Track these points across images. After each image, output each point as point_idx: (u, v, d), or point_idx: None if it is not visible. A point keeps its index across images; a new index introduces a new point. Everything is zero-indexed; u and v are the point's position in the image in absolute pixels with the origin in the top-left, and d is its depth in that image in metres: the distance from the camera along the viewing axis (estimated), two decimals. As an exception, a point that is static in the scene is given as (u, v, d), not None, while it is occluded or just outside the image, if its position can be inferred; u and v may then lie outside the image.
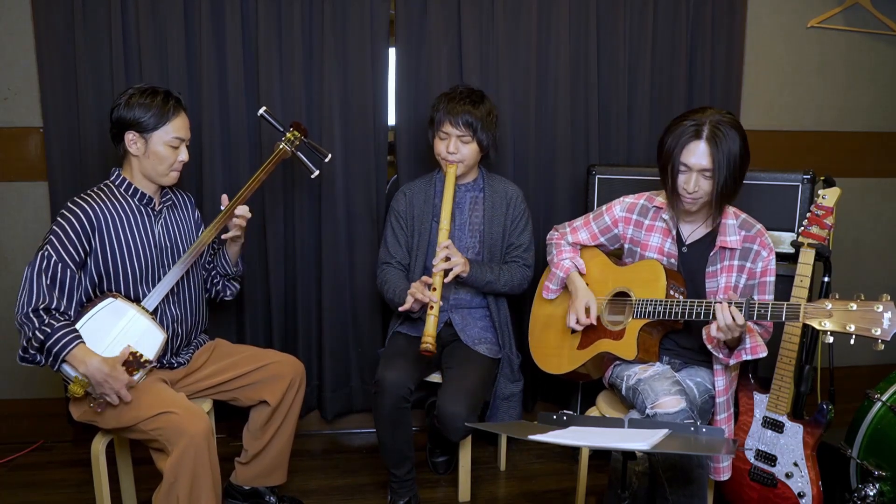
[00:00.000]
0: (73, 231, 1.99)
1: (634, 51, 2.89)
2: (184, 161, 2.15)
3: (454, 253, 2.31)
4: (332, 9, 2.68)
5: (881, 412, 2.27)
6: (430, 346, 2.16)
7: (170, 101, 2.09)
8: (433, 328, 2.19)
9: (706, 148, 1.96)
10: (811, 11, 3.06)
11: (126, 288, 2.09)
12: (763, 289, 2.08)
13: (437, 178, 2.54)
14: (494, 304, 2.52)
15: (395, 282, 2.44)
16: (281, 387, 2.24)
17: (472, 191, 2.52)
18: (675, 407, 1.89)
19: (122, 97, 2.08)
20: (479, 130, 2.37)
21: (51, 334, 1.88)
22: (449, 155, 2.38)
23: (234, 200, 2.23)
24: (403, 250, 2.51)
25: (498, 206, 2.49)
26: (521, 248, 2.51)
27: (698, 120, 1.98)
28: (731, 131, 1.97)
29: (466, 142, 2.38)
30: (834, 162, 3.11)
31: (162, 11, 2.59)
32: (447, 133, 2.38)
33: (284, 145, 2.35)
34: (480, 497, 2.57)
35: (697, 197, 2.02)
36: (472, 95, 2.41)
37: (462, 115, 2.35)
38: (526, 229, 2.52)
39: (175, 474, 1.90)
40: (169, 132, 2.08)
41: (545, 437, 1.58)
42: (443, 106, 2.39)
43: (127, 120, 2.06)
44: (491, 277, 2.41)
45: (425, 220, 2.49)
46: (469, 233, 2.50)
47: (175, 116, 2.09)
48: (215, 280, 2.41)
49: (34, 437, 2.90)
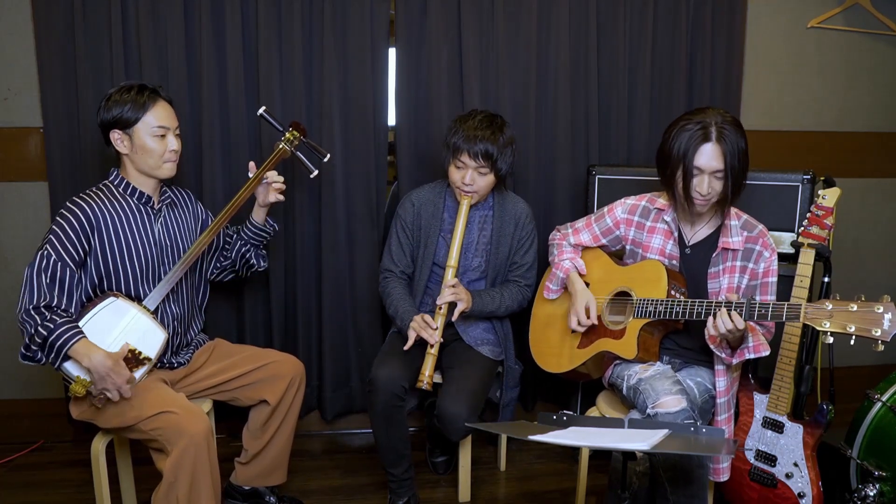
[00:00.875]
0: (73, 230, 2.00)
1: (634, 51, 2.89)
2: (175, 150, 2.14)
3: (460, 291, 2.31)
4: (332, 9, 2.67)
5: (881, 412, 2.27)
6: (427, 385, 2.23)
7: (145, 93, 2.09)
8: (431, 369, 2.24)
9: (717, 149, 1.97)
10: (811, 11, 3.06)
11: (127, 287, 2.09)
12: (765, 289, 2.08)
13: (447, 192, 2.49)
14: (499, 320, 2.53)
15: (398, 297, 2.42)
16: (281, 386, 2.24)
17: (482, 209, 2.48)
18: (676, 406, 1.90)
19: (102, 101, 2.10)
20: (497, 161, 2.30)
21: (53, 329, 1.88)
22: (465, 186, 2.33)
23: (232, 201, 2.24)
24: (408, 259, 2.50)
25: (507, 225, 2.46)
26: (523, 268, 2.49)
27: (703, 121, 1.98)
28: (736, 130, 1.98)
29: (484, 173, 2.32)
30: (834, 162, 3.11)
31: (162, 11, 2.59)
32: (464, 163, 2.30)
33: (284, 145, 2.35)
34: (480, 497, 2.57)
35: (710, 199, 2.02)
36: (492, 124, 2.31)
37: (481, 145, 2.26)
38: (531, 249, 2.49)
39: (175, 474, 1.90)
40: (150, 122, 2.08)
41: (545, 437, 1.58)
42: (461, 133, 2.29)
43: (108, 120, 2.08)
44: (493, 307, 2.41)
45: (432, 234, 2.47)
46: (475, 252, 2.48)
47: (153, 105, 2.09)
48: (243, 251, 2.39)
49: (34, 437, 2.90)
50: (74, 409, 2.07)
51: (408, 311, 2.36)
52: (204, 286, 2.38)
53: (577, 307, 2.22)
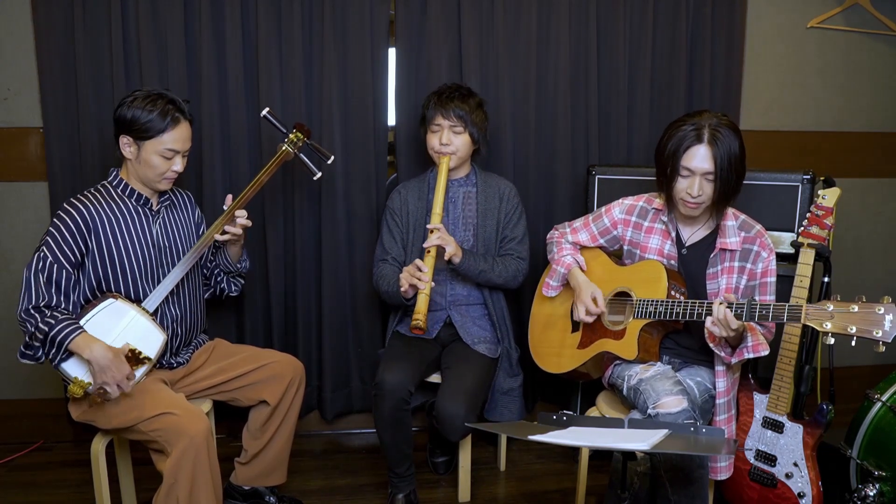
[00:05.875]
0: (69, 232, 1.99)
1: (634, 51, 2.89)
2: (177, 171, 2.11)
3: (445, 235, 2.34)
4: (332, 9, 2.67)
5: (881, 412, 2.28)
6: (421, 322, 2.19)
7: (170, 111, 2.04)
8: (424, 305, 2.23)
9: (708, 151, 1.97)
10: (811, 11, 3.06)
11: (126, 288, 2.09)
12: (764, 289, 2.08)
13: (430, 176, 2.56)
14: (491, 299, 2.53)
15: (390, 275, 2.45)
16: (280, 387, 2.24)
17: (465, 186, 2.54)
18: (676, 407, 1.90)
19: (129, 97, 2.05)
20: (469, 123, 2.42)
21: (54, 325, 1.89)
22: (442, 147, 2.41)
23: (236, 201, 2.23)
24: (399, 247, 2.52)
25: (491, 200, 2.51)
26: (514, 241, 2.51)
27: (697, 123, 1.99)
28: (730, 133, 1.98)
29: (458, 132, 2.42)
30: (834, 162, 3.11)
31: (162, 12, 2.59)
32: (439, 125, 2.42)
33: (287, 147, 2.33)
34: (480, 497, 2.57)
35: (701, 201, 2.02)
36: (460, 90, 2.47)
37: (452, 107, 2.40)
38: (520, 222, 2.53)
39: (174, 475, 1.90)
40: (163, 143, 2.05)
41: (545, 437, 1.58)
42: (433, 102, 2.44)
43: (124, 121, 2.04)
44: (484, 266, 2.43)
45: (420, 218, 2.51)
46: (463, 226, 2.51)
47: (172, 128, 2.05)
48: (219, 277, 2.40)
49: (34, 437, 2.90)
50: (74, 410, 2.07)
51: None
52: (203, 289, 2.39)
53: (584, 297, 2.19)
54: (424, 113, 2.48)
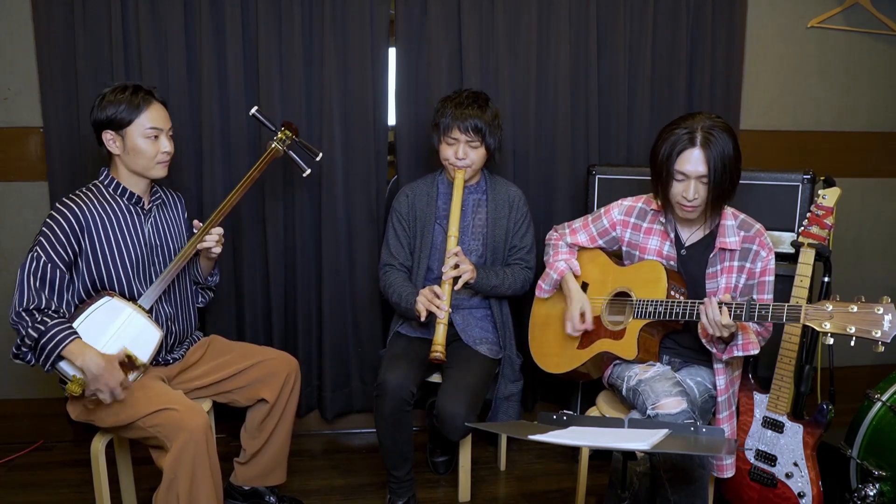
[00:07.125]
0: (62, 232, 2.00)
1: (634, 51, 2.89)
2: (167, 152, 2.13)
3: (463, 260, 2.31)
4: (332, 9, 2.67)
5: (881, 412, 2.28)
6: (441, 354, 2.20)
7: (139, 94, 2.08)
8: (443, 337, 2.22)
9: (701, 154, 1.97)
10: (811, 11, 3.06)
11: (120, 287, 2.09)
12: (763, 288, 2.08)
13: (438, 179, 2.53)
14: (497, 305, 2.52)
15: (400, 285, 2.43)
16: (277, 384, 2.24)
17: (475, 193, 2.52)
18: (676, 408, 1.90)
19: (96, 99, 2.09)
20: (487, 135, 2.37)
21: (45, 332, 1.88)
22: (458, 161, 2.37)
23: (228, 198, 2.24)
24: (406, 252, 2.51)
25: (501, 208, 2.49)
26: (523, 251, 2.51)
27: (690, 127, 1.99)
28: (723, 134, 1.98)
29: (475, 147, 2.38)
30: (834, 162, 3.11)
31: (162, 12, 2.59)
32: (455, 139, 2.36)
33: (276, 144, 2.36)
34: (480, 497, 2.57)
35: (697, 205, 2.02)
36: (478, 100, 2.39)
37: (471, 121, 2.34)
38: (528, 231, 2.52)
39: (174, 470, 1.90)
40: (143, 123, 2.07)
41: (545, 437, 1.58)
42: (449, 111, 2.36)
43: (101, 120, 2.06)
44: (496, 282, 2.42)
45: (428, 222, 2.49)
46: (472, 235, 2.50)
47: (147, 107, 2.08)
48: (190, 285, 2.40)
49: (34, 437, 2.90)
50: (73, 410, 2.08)
51: (412, 292, 2.36)
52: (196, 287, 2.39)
53: (572, 312, 2.23)
54: (438, 121, 2.40)
